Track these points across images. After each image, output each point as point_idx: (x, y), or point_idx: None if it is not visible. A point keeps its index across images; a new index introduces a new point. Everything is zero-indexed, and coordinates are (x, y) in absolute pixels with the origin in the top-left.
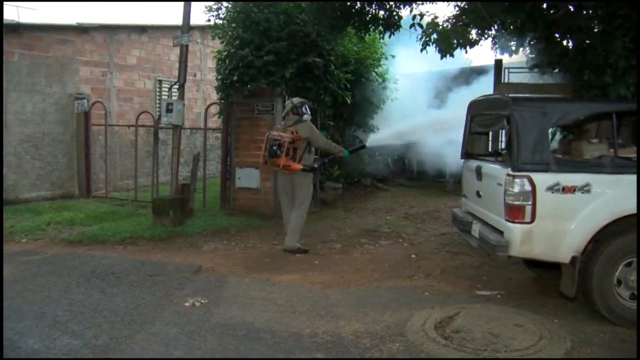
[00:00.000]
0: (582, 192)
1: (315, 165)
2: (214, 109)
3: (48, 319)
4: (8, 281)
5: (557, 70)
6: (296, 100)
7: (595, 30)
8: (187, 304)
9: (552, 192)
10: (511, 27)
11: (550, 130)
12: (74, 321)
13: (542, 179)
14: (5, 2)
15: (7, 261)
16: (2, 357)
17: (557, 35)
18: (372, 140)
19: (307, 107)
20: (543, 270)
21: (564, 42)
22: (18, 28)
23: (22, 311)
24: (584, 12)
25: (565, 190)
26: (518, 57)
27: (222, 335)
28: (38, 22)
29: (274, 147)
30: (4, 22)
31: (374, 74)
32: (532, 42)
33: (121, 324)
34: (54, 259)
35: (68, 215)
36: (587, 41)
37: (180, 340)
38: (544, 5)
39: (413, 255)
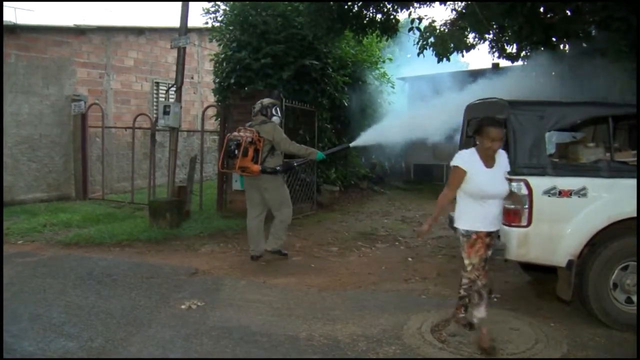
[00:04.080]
0: (579, 196)
1: (278, 168)
2: (211, 112)
3: (44, 321)
4: (4, 283)
5: (553, 73)
6: (266, 101)
7: (593, 34)
8: (183, 307)
9: (549, 196)
10: (509, 31)
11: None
12: (70, 323)
13: (539, 183)
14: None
15: (4, 263)
16: (2, 357)
17: (554, 39)
18: (359, 140)
19: (277, 109)
20: (539, 274)
21: (561, 46)
22: (15, 29)
23: (17, 313)
24: (582, 16)
25: (561, 194)
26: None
27: (218, 338)
28: (35, 24)
29: (232, 147)
30: (2, 23)
31: (371, 76)
32: (529, 46)
33: (117, 327)
34: (50, 261)
35: (64, 217)
36: (584, 45)
37: (177, 343)
38: (542, 9)
39: (410, 259)
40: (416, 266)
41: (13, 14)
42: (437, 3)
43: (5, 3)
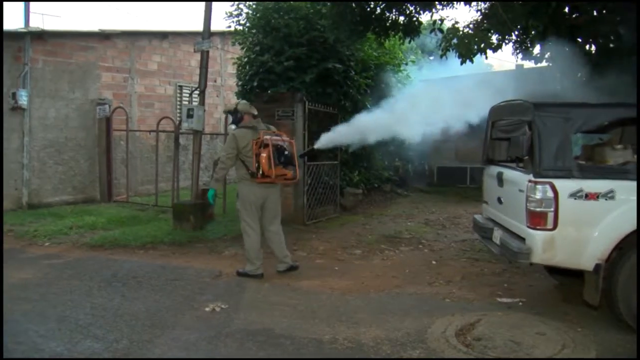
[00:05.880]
0: (606, 199)
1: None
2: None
3: (70, 322)
4: (32, 284)
5: (579, 75)
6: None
7: (621, 34)
8: (207, 309)
9: (575, 199)
10: (532, 32)
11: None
12: (96, 325)
13: (565, 186)
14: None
15: (31, 264)
16: (2, 357)
17: (579, 40)
18: (326, 140)
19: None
20: (565, 278)
21: (587, 47)
22: (42, 35)
23: (45, 314)
24: (608, 16)
25: (588, 196)
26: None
27: (242, 341)
28: (62, 29)
29: (287, 154)
30: (30, 30)
31: (394, 79)
32: (554, 47)
33: (142, 328)
34: (76, 263)
35: (90, 219)
36: (611, 45)
37: (201, 345)
38: (567, 10)
39: (433, 262)
40: (440, 269)
41: (41, 21)
42: (460, 4)
43: (32, 10)
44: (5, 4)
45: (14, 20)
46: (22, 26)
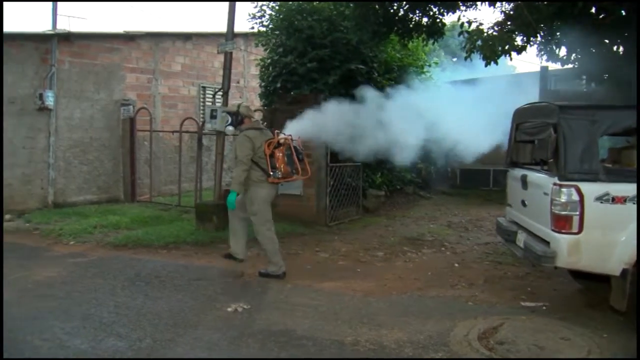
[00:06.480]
0: (634, 203)
1: None
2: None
3: (95, 320)
4: (57, 282)
5: (607, 77)
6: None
7: None
8: (229, 309)
9: (601, 202)
10: (558, 33)
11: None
12: (120, 323)
13: (591, 189)
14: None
15: (56, 262)
16: (2, 357)
17: (607, 41)
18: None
19: None
20: (591, 283)
21: (615, 48)
22: (69, 37)
23: (70, 312)
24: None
25: (615, 200)
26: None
27: (264, 341)
28: (87, 31)
29: (300, 155)
30: (57, 32)
31: (417, 81)
32: (580, 49)
33: (165, 328)
34: (100, 262)
35: (114, 219)
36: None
37: (223, 345)
38: (593, 10)
39: (456, 264)
40: (463, 272)
41: (68, 23)
42: (484, 5)
43: (60, 12)
44: (33, 6)
45: (41, 22)
46: (50, 28)
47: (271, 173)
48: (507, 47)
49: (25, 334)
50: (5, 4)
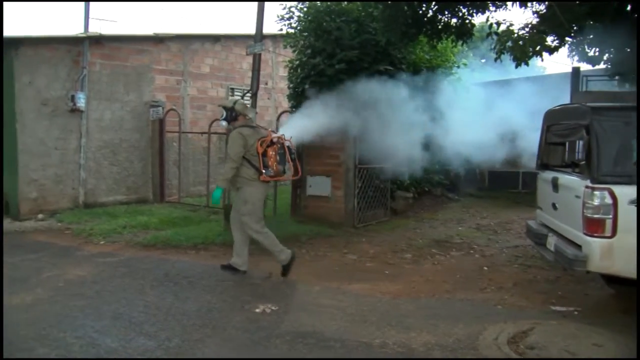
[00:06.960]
0: None
1: None
2: (285, 117)
3: (124, 319)
4: (87, 281)
5: None
6: None
7: None
8: (257, 310)
9: (635, 206)
10: (590, 33)
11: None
12: (149, 323)
13: (624, 192)
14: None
15: (87, 262)
16: (2, 357)
17: None
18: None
19: None
20: (624, 288)
21: None
22: (100, 39)
23: (100, 310)
24: None
25: None
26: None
27: (292, 343)
28: (118, 34)
29: (293, 155)
30: (88, 34)
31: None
32: (614, 48)
33: (193, 328)
34: (129, 262)
35: (143, 219)
36: None
37: (251, 346)
38: (628, 8)
39: (485, 267)
40: (491, 275)
41: (99, 26)
42: (515, 6)
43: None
44: (66, 6)
45: (74, 25)
46: (82, 31)
47: (263, 171)
48: (538, 48)
49: (58, 331)
50: (38, 7)
